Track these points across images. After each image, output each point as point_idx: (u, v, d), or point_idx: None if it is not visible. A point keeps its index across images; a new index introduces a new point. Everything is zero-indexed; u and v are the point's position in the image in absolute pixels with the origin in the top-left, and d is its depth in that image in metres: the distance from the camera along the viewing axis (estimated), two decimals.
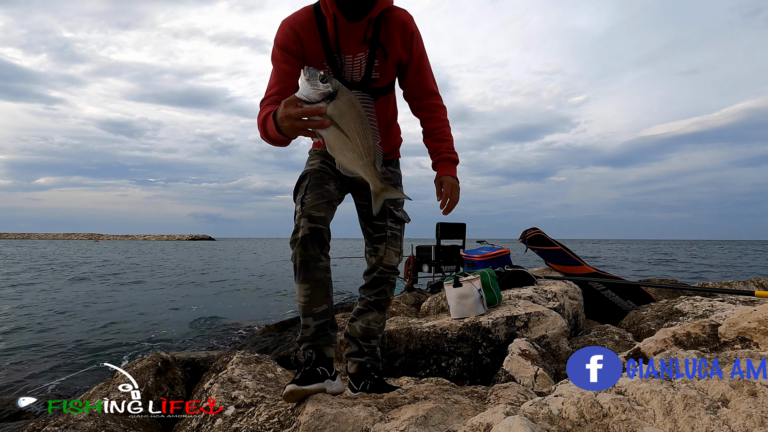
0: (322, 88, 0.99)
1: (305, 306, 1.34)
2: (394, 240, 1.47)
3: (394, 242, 1.47)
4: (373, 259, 1.48)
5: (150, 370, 1.80)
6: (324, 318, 1.37)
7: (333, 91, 1.00)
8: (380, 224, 1.47)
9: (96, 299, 7.58)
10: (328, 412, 1.19)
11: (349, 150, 1.06)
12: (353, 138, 1.05)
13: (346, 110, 1.02)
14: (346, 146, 1.06)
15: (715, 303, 2.21)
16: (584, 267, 3.52)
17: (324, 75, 0.99)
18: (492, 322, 2.11)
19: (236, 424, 1.33)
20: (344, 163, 1.09)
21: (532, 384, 1.63)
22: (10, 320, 5.61)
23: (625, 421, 0.81)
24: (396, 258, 1.48)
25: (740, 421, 0.77)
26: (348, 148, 1.06)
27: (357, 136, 1.05)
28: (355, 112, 1.04)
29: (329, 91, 0.99)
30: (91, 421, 1.36)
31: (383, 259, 1.46)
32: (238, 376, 1.64)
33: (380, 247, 1.46)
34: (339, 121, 1.02)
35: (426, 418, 1.16)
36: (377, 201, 1.18)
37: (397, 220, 1.49)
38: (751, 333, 1.30)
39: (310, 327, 1.35)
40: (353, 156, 1.07)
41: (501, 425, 0.81)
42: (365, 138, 1.07)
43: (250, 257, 25.02)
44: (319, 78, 0.99)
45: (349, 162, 1.08)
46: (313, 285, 1.32)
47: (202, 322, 5.70)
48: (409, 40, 1.32)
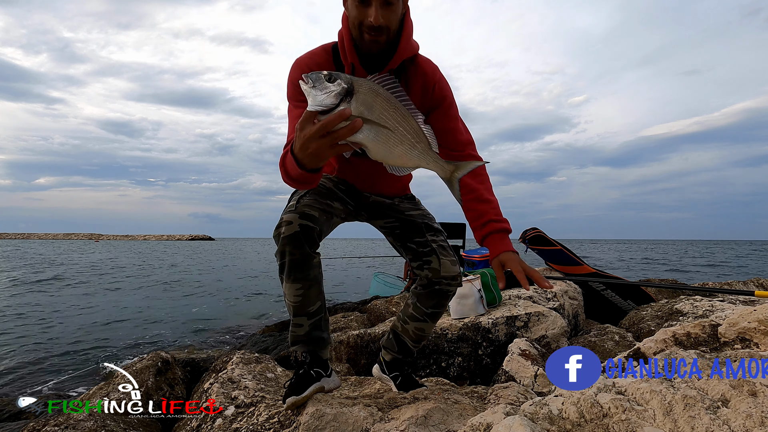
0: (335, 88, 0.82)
1: (298, 306, 1.26)
2: (443, 250, 1.35)
3: (445, 252, 1.35)
4: (427, 272, 1.34)
5: (150, 370, 1.80)
6: (318, 315, 1.30)
7: (348, 86, 0.83)
8: (421, 240, 1.36)
9: (96, 299, 7.58)
10: (328, 412, 1.19)
11: (395, 143, 0.89)
12: (395, 128, 0.88)
13: (373, 100, 0.85)
14: (391, 141, 0.88)
15: (715, 303, 2.21)
16: (584, 267, 3.52)
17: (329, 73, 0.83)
18: (492, 322, 2.11)
19: (236, 424, 1.33)
20: (398, 162, 0.92)
21: (532, 384, 1.63)
22: (10, 320, 5.62)
23: (625, 421, 0.81)
24: (454, 267, 1.34)
25: (740, 421, 0.77)
26: (394, 142, 0.89)
27: (399, 124, 0.88)
28: (383, 98, 0.87)
29: (344, 87, 0.82)
30: (91, 421, 1.36)
31: (440, 271, 1.32)
32: (238, 376, 1.64)
33: (431, 259, 1.33)
34: (371, 115, 0.85)
35: (426, 418, 1.16)
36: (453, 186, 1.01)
37: (436, 231, 1.39)
38: (751, 333, 1.30)
39: (304, 326, 1.29)
40: (404, 148, 0.90)
41: (501, 425, 0.81)
42: (407, 122, 0.90)
43: (250, 257, 25.03)
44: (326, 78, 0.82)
45: (402, 157, 0.91)
46: (306, 284, 1.22)
47: (201, 322, 5.70)
48: (431, 90, 1.23)
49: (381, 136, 0.87)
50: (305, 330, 1.29)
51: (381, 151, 0.89)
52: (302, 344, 1.33)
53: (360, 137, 0.85)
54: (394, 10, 1.07)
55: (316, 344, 1.33)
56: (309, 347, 1.34)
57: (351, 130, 0.81)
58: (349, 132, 0.81)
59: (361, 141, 0.86)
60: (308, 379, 1.30)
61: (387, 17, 1.06)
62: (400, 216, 1.40)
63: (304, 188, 1.07)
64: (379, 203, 1.41)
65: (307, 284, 1.22)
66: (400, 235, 1.39)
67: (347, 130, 0.81)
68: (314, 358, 1.35)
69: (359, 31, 1.09)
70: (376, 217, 1.43)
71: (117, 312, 6.34)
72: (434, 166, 0.96)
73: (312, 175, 0.95)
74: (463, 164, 1.00)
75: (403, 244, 1.40)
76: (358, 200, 1.40)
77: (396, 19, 1.10)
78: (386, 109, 0.87)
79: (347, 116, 0.80)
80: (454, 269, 1.33)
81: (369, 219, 1.44)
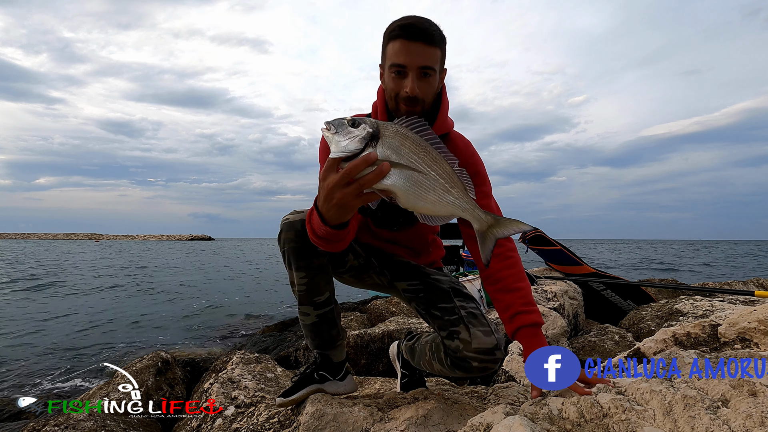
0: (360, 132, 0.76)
1: (303, 294, 1.21)
2: (474, 318, 1.16)
3: (477, 320, 1.16)
4: (457, 343, 1.15)
5: (150, 370, 1.80)
6: (326, 307, 1.25)
7: (373, 130, 0.77)
8: (448, 306, 1.21)
9: (95, 299, 7.58)
10: (328, 412, 1.19)
11: (428, 189, 0.80)
12: (426, 172, 0.79)
13: (401, 143, 0.78)
14: (422, 186, 0.79)
15: (715, 303, 2.21)
16: (584, 267, 3.52)
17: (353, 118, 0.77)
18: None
19: (236, 424, 1.33)
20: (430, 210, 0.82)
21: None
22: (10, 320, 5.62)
23: (625, 421, 0.81)
24: (488, 338, 1.12)
25: (740, 421, 0.77)
26: (426, 188, 0.80)
27: (430, 168, 0.80)
28: (412, 141, 0.79)
29: (369, 131, 0.76)
30: (91, 421, 1.36)
31: (472, 343, 1.12)
32: (238, 376, 1.64)
33: (460, 329, 1.15)
34: (399, 159, 0.77)
35: (426, 418, 1.16)
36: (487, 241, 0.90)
37: (466, 298, 1.24)
38: (751, 333, 1.30)
39: (311, 315, 1.24)
40: (437, 195, 0.81)
41: (501, 425, 0.81)
42: (440, 166, 0.81)
43: (251, 257, 25.03)
44: (349, 123, 0.77)
45: (436, 204, 0.81)
46: (310, 273, 1.17)
47: (202, 322, 5.70)
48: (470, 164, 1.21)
49: (411, 181, 0.79)
50: (312, 320, 1.25)
51: (412, 198, 0.80)
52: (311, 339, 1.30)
53: (388, 183, 0.77)
54: (430, 83, 1.07)
55: (325, 343, 1.30)
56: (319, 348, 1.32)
57: (378, 176, 0.75)
58: (376, 177, 0.75)
59: (390, 187, 0.78)
60: (306, 381, 1.29)
61: (423, 89, 1.06)
62: (426, 279, 1.29)
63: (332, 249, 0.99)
64: (404, 263, 1.33)
65: (311, 273, 1.18)
66: (424, 299, 1.26)
67: (374, 176, 0.75)
68: (324, 360, 1.33)
69: (395, 102, 1.09)
70: (399, 277, 1.32)
71: (117, 312, 6.34)
72: (470, 215, 0.86)
73: (338, 233, 0.91)
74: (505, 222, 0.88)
75: (427, 311, 1.25)
76: (382, 258, 1.34)
77: (431, 92, 1.10)
78: (416, 153, 0.79)
79: (373, 161, 0.74)
80: (488, 341, 1.11)
81: (392, 280, 1.33)
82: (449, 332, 1.17)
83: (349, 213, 0.84)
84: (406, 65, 1.04)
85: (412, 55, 1.03)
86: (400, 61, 1.04)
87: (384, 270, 1.34)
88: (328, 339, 1.30)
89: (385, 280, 1.35)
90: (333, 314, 1.28)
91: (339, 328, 1.32)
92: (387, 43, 1.07)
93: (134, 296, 8.11)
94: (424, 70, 1.05)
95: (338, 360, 1.35)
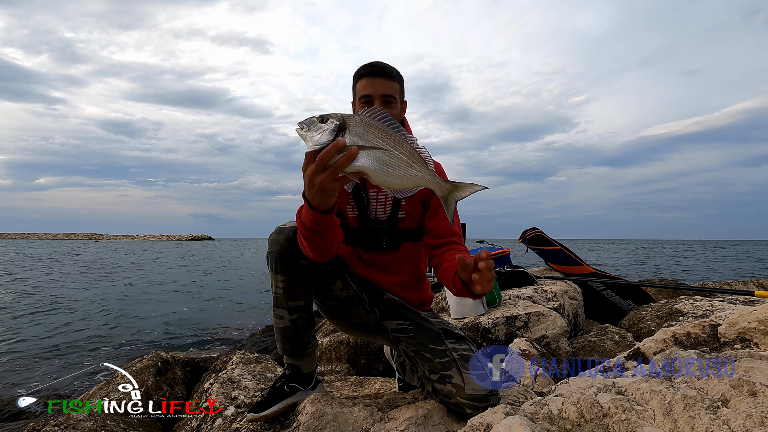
0: (328, 126, 0.87)
1: (279, 297, 1.24)
2: (467, 362, 1.16)
3: (469, 365, 1.15)
4: (448, 387, 1.14)
5: (150, 370, 1.80)
6: (302, 312, 1.27)
7: (340, 122, 0.88)
8: (439, 348, 1.21)
9: (95, 299, 7.58)
10: (328, 412, 1.19)
11: (393, 166, 0.91)
12: (390, 151, 0.91)
13: (365, 130, 0.89)
14: (388, 164, 0.91)
15: (715, 303, 2.21)
16: (584, 267, 3.52)
17: (322, 114, 0.89)
18: (492, 322, 2.11)
19: (236, 424, 1.33)
20: (398, 184, 0.93)
21: (532, 384, 1.63)
22: (10, 320, 5.61)
23: (625, 421, 0.81)
24: (482, 383, 1.11)
25: (740, 421, 0.77)
26: (391, 165, 0.91)
27: (392, 147, 0.91)
28: (376, 128, 0.91)
29: (336, 124, 0.88)
30: (91, 421, 1.36)
31: (465, 389, 1.10)
32: (238, 376, 1.64)
33: (452, 373, 1.14)
34: (365, 143, 0.89)
35: (426, 418, 1.16)
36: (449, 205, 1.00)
37: (458, 339, 1.25)
38: (751, 333, 1.30)
39: (284, 319, 1.26)
40: (402, 169, 0.92)
41: (501, 425, 0.81)
42: (402, 145, 0.92)
43: (251, 257, 25.02)
44: (318, 119, 0.88)
45: (402, 178, 0.93)
46: (290, 277, 1.22)
47: (201, 322, 5.70)
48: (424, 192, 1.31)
49: (378, 161, 0.90)
50: (285, 323, 1.27)
51: (381, 175, 0.91)
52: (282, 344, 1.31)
53: (358, 165, 0.88)
54: (393, 106, 1.29)
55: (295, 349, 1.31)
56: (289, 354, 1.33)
57: (348, 158, 0.86)
58: (346, 160, 0.85)
59: (360, 168, 0.89)
60: (278, 396, 1.30)
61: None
62: (416, 319, 1.31)
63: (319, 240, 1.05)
64: (395, 302, 1.36)
65: (290, 278, 1.22)
66: (414, 339, 1.27)
67: (344, 159, 0.85)
68: (294, 371, 1.34)
69: None
70: (389, 317, 1.34)
71: (117, 312, 6.34)
72: (433, 184, 0.97)
73: (325, 217, 0.99)
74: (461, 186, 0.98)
75: (417, 352, 1.25)
76: (374, 295, 1.37)
77: (395, 116, 1.29)
78: (379, 137, 0.90)
79: (341, 146, 0.85)
80: (482, 386, 1.10)
81: (381, 319, 1.36)
82: (440, 376, 1.16)
83: (331, 197, 0.95)
84: (372, 95, 1.27)
85: (375, 86, 1.27)
86: (367, 92, 1.27)
87: (374, 308, 1.36)
88: (299, 346, 1.31)
89: (373, 318, 1.36)
90: (305, 322, 1.29)
91: (311, 336, 1.33)
92: (356, 83, 1.31)
93: (134, 296, 8.11)
94: (387, 98, 1.27)
95: (308, 371, 1.35)
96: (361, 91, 1.27)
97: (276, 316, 1.29)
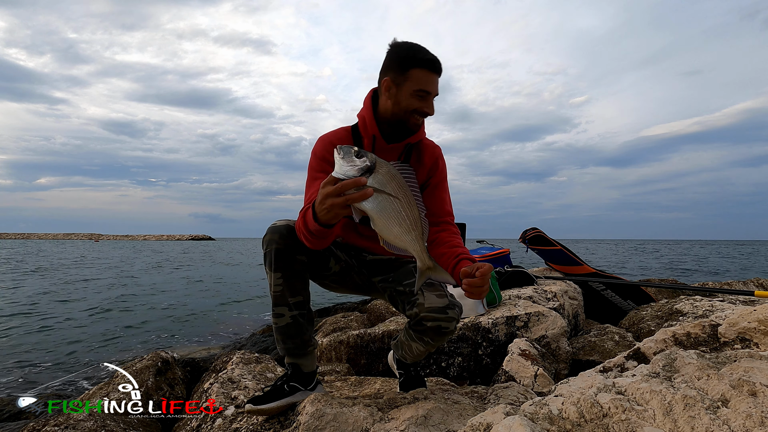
0: (359, 163, 0.94)
1: (279, 295, 1.27)
2: (431, 287, 1.28)
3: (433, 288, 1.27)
4: (415, 310, 1.26)
5: (150, 370, 1.80)
6: (302, 309, 1.30)
7: (371, 164, 0.95)
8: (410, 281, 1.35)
9: (95, 299, 7.58)
10: (328, 412, 1.19)
11: (395, 223, 0.98)
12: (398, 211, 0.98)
13: (388, 182, 0.96)
14: (391, 219, 0.98)
15: (715, 303, 2.21)
16: (584, 267, 3.52)
17: (359, 150, 0.96)
18: (492, 322, 2.11)
19: (236, 424, 1.33)
20: (391, 239, 1.01)
21: (532, 384, 1.63)
22: (9, 321, 5.62)
23: (625, 421, 0.81)
24: (441, 299, 1.24)
25: (740, 421, 0.77)
26: (394, 221, 0.98)
27: (402, 209, 0.98)
28: (397, 183, 0.98)
29: (367, 165, 0.95)
30: (91, 421, 1.36)
31: (425, 304, 1.24)
32: (238, 376, 1.64)
33: (418, 297, 1.27)
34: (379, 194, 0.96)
35: (426, 418, 1.16)
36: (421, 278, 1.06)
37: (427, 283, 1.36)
38: (751, 333, 1.30)
39: (285, 316, 1.28)
40: (401, 230, 0.99)
41: (501, 425, 0.81)
42: (410, 209, 0.99)
43: (251, 257, 25.03)
44: (354, 154, 0.95)
45: (397, 237, 1.00)
46: (287, 274, 1.25)
47: (201, 322, 5.70)
48: (435, 165, 1.43)
49: (384, 212, 0.97)
50: (285, 321, 1.29)
51: (380, 225, 0.99)
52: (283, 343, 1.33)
53: (367, 206, 0.96)
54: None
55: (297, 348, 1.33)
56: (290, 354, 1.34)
57: (361, 197, 0.93)
58: (359, 197, 0.93)
59: (368, 209, 0.96)
60: (278, 394, 1.31)
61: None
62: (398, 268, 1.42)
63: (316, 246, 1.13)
64: (379, 261, 1.45)
65: (288, 274, 1.26)
66: (393, 282, 1.38)
67: (358, 196, 0.93)
68: (295, 370, 1.35)
69: (410, 114, 1.29)
70: (375, 273, 1.44)
71: (117, 312, 6.34)
72: (418, 255, 1.03)
73: (325, 230, 1.06)
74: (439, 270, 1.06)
75: (395, 289, 1.36)
76: (359, 259, 1.46)
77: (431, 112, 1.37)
78: (396, 193, 0.97)
79: (362, 184, 0.92)
80: (440, 301, 1.24)
81: (368, 276, 1.44)
82: (410, 303, 1.29)
83: (336, 219, 1.00)
84: (431, 93, 1.27)
85: (434, 85, 1.27)
86: (428, 89, 1.26)
87: (362, 269, 1.44)
88: (300, 344, 1.33)
89: (363, 278, 1.44)
90: (306, 319, 1.32)
91: (311, 334, 1.36)
92: (412, 67, 1.24)
93: (134, 296, 8.11)
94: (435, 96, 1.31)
95: (309, 370, 1.37)
96: (420, 85, 1.25)
97: (276, 315, 1.30)
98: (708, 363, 1.01)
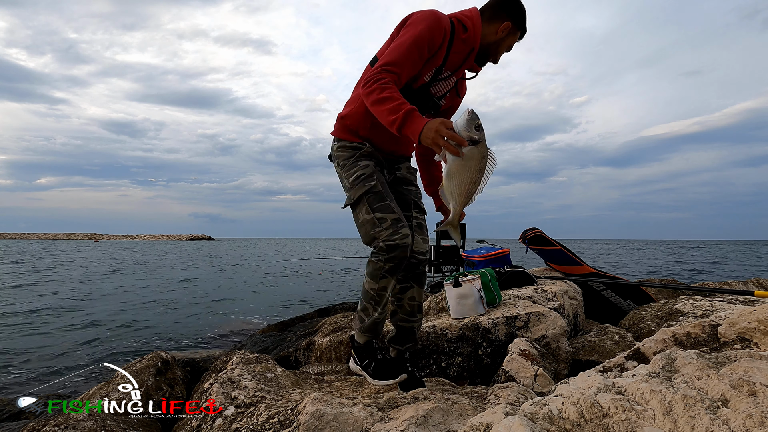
0: (474, 134, 1.18)
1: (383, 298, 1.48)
2: (420, 229, 1.58)
3: (420, 231, 1.58)
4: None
5: (150, 370, 1.80)
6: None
7: (478, 139, 1.19)
8: (407, 214, 1.58)
9: (95, 299, 7.58)
10: (328, 412, 1.19)
11: (457, 184, 1.24)
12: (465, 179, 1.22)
13: (476, 157, 1.20)
14: (456, 179, 1.23)
15: (715, 303, 2.21)
16: (584, 267, 3.52)
17: (480, 125, 1.19)
18: (492, 322, 2.11)
19: (236, 424, 1.33)
20: (446, 190, 1.27)
21: (532, 384, 1.63)
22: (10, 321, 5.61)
23: (625, 421, 0.81)
24: (425, 245, 1.57)
25: (740, 421, 0.77)
26: (457, 183, 1.23)
27: (469, 181, 1.23)
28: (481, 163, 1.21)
29: (475, 138, 1.18)
30: (91, 421, 1.36)
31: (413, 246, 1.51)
32: (238, 376, 1.64)
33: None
34: (466, 161, 1.20)
35: (426, 418, 1.16)
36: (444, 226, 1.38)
37: (421, 210, 1.66)
38: (751, 333, 1.30)
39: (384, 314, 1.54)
40: (457, 191, 1.25)
41: (501, 425, 0.81)
42: (473, 185, 1.24)
43: (250, 257, 25.02)
44: (476, 126, 1.18)
45: (451, 192, 1.26)
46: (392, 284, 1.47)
47: (201, 322, 5.70)
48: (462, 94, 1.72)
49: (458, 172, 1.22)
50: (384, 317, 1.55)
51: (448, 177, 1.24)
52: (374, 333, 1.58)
53: (450, 158, 1.20)
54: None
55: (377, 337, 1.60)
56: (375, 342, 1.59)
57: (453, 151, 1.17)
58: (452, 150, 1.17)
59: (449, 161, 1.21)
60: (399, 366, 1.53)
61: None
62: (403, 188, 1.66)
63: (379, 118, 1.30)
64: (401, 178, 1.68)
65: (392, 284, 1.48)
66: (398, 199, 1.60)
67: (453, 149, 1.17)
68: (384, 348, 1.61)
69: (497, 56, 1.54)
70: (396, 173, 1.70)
71: (117, 312, 6.34)
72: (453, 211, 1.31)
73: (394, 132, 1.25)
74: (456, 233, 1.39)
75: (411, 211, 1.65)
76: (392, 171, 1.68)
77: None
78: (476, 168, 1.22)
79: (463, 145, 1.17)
80: (425, 246, 1.58)
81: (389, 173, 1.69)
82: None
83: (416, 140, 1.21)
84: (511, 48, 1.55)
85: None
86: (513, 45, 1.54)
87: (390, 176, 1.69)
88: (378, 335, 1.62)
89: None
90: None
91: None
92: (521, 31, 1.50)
93: (134, 296, 8.11)
94: None
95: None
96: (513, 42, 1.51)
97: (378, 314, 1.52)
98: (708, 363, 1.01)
